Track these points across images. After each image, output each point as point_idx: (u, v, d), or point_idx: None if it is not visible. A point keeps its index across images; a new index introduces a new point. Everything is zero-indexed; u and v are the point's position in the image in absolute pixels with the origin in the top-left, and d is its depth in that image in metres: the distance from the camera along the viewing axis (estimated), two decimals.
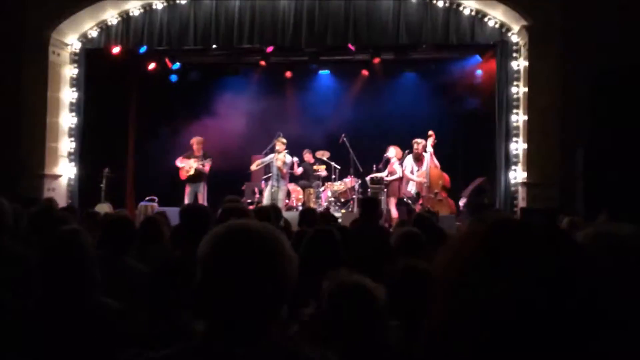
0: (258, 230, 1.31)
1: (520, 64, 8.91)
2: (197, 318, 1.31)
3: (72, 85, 9.87)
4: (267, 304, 1.27)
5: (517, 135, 8.88)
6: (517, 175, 8.82)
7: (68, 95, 9.87)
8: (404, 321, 1.85)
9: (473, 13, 8.89)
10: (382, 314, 1.54)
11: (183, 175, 9.97)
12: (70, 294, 2.11)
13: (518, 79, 8.94)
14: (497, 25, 8.95)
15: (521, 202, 8.59)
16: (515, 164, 8.87)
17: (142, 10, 9.53)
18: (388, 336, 1.48)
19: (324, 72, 11.73)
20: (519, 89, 8.91)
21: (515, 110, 8.91)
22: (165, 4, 9.48)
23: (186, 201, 9.68)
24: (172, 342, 1.35)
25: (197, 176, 9.92)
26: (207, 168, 9.94)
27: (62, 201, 8.94)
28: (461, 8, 8.88)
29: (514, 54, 9.00)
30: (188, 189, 9.94)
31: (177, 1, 9.45)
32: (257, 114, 11.57)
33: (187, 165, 9.93)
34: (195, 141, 10.08)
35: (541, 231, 0.78)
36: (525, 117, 8.66)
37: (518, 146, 8.85)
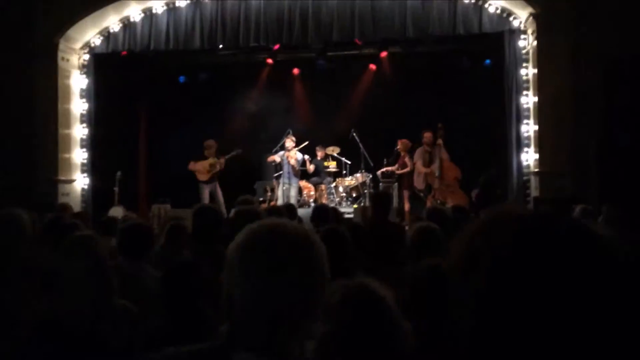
0: (289, 231, 1.21)
1: (529, 53, 8.83)
2: (225, 320, 1.24)
3: (81, 95, 9.95)
4: (293, 313, 1.17)
5: (528, 124, 8.82)
6: (530, 163, 8.76)
7: (78, 102, 9.97)
8: (426, 321, 1.83)
9: (474, 0, 8.81)
10: (394, 320, 1.46)
11: (203, 176, 9.93)
12: (86, 299, 2.14)
13: (527, 69, 8.87)
14: (503, 14, 8.88)
15: (533, 192, 8.54)
16: (527, 153, 8.82)
17: (142, 15, 9.59)
18: (401, 342, 1.41)
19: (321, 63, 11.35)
20: (529, 78, 8.83)
21: (525, 100, 8.84)
22: (165, 7, 9.52)
23: (206, 202, 9.72)
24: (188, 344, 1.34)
25: (213, 177, 9.96)
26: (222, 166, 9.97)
27: (76, 205, 9.05)
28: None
29: (523, 43, 8.92)
30: (206, 190, 9.94)
31: (177, 4, 9.49)
32: (265, 112, 11.60)
33: (205, 166, 9.91)
34: (208, 144, 10.06)
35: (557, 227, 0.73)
36: (537, 106, 8.59)
37: (530, 135, 8.79)
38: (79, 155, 9.93)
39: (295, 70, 11.84)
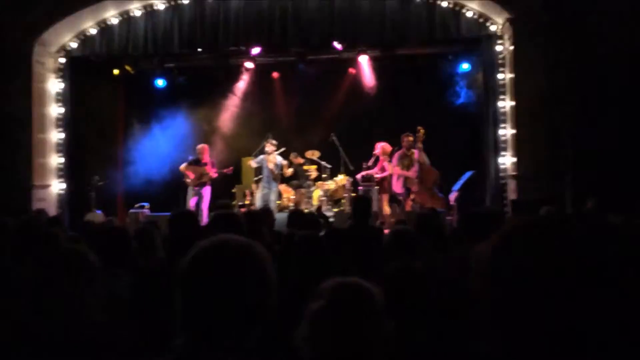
0: (237, 248, 1.33)
1: (506, 57, 8.95)
2: (182, 331, 1.32)
3: (57, 99, 9.81)
4: (243, 322, 1.29)
5: (505, 128, 8.93)
6: (507, 167, 8.87)
7: (54, 106, 9.82)
8: (398, 322, 1.85)
9: (451, 5, 8.89)
10: (380, 313, 1.54)
11: (194, 182, 9.84)
12: (70, 312, 2.09)
13: (504, 73, 8.98)
14: (480, 19, 8.97)
15: (511, 195, 8.64)
16: (505, 156, 8.92)
17: (120, 19, 9.50)
18: (386, 335, 1.49)
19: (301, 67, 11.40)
20: (506, 82, 8.95)
21: (502, 104, 8.95)
22: (143, 10, 9.44)
23: (191, 204, 9.65)
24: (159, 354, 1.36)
25: (205, 181, 9.88)
26: (215, 174, 9.90)
27: (52, 210, 8.90)
28: (439, 1, 8.88)
29: (499, 48, 9.03)
30: (193, 194, 9.81)
31: (155, 7, 9.42)
32: (245, 116, 11.56)
33: (196, 174, 9.82)
34: (202, 149, 9.99)
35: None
36: (514, 110, 8.70)
37: (507, 138, 8.89)
38: (54, 160, 9.78)
39: (275, 74, 11.81)
